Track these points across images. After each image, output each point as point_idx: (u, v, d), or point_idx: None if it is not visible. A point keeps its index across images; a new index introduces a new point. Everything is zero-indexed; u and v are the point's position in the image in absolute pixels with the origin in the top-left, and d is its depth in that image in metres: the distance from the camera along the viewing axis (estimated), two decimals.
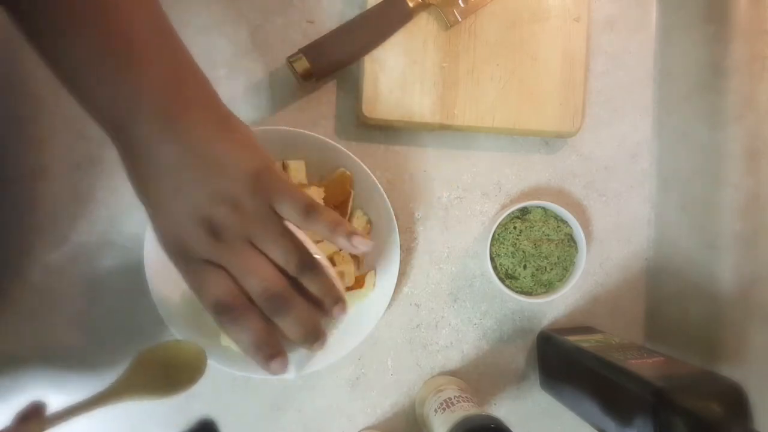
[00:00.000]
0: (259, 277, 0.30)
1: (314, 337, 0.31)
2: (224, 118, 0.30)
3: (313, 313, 0.31)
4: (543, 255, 0.50)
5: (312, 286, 0.31)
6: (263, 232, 0.30)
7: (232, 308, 0.29)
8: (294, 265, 0.30)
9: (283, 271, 0.31)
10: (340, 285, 0.33)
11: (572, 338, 0.49)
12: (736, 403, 0.37)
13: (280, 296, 0.30)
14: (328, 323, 0.33)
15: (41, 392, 0.47)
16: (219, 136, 0.29)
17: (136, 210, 0.48)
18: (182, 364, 0.40)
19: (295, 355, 0.33)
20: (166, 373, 0.39)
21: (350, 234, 0.30)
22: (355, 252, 0.32)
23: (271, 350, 0.30)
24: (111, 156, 0.48)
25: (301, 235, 0.32)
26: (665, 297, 0.54)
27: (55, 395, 0.47)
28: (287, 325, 0.30)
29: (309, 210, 0.30)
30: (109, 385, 0.37)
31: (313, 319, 0.31)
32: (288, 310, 0.30)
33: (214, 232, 0.29)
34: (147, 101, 0.28)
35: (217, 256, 0.29)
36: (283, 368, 0.30)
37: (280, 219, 0.30)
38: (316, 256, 0.32)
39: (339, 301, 0.32)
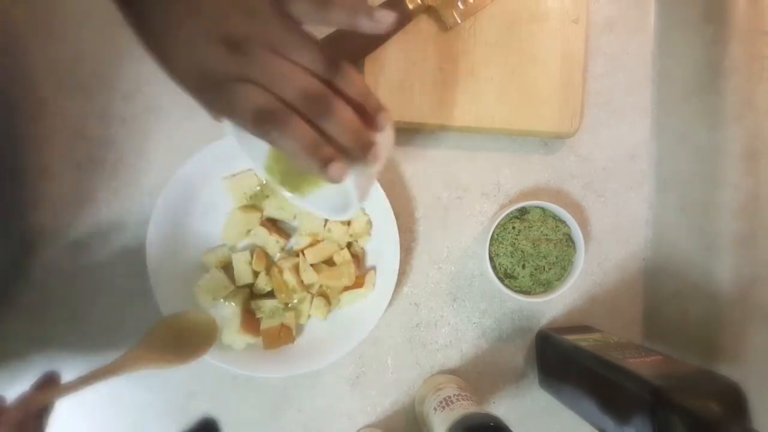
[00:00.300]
0: (292, 80, 0.28)
1: (365, 143, 0.29)
2: None
3: (358, 118, 0.29)
4: (542, 255, 0.50)
5: (348, 87, 0.29)
6: (284, 36, 0.28)
7: (274, 113, 0.27)
8: (323, 64, 0.28)
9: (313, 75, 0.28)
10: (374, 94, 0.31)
11: (571, 337, 0.49)
12: (735, 402, 0.37)
13: (320, 95, 0.28)
14: (377, 136, 0.30)
15: None
16: None
17: (137, 209, 0.48)
18: (195, 333, 0.41)
19: (354, 177, 0.30)
20: (179, 341, 0.40)
21: (370, 11, 0.28)
22: (381, 29, 0.29)
23: (326, 152, 0.28)
24: (112, 156, 0.48)
25: None
26: (664, 297, 0.54)
27: None
28: (334, 128, 0.28)
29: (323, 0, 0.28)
30: (123, 354, 0.38)
31: (359, 122, 0.29)
32: (331, 110, 0.28)
33: (234, 46, 0.27)
34: None
35: (243, 70, 0.27)
36: (343, 171, 0.28)
37: (297, 20, 0.29)
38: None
39: (381, 107, 0.30)
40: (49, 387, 0.35)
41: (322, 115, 0.28)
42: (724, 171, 0.48)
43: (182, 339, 0.40)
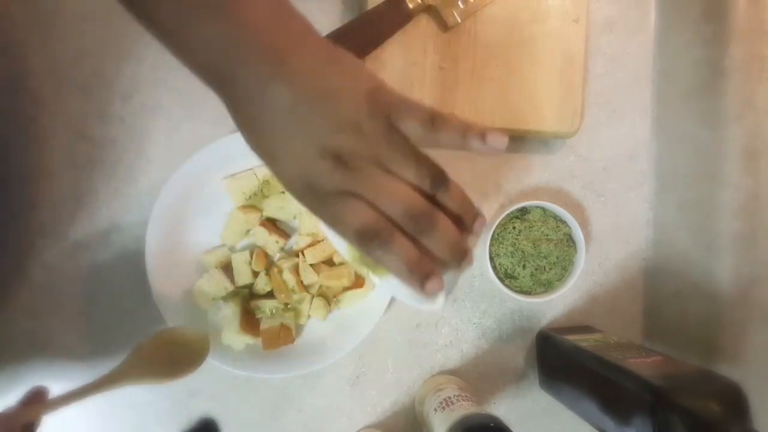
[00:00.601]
0: (397, 197, 0.28)
1: (461, 254, 0.30)
2: (328, 46, 0.29)
3: (457, 231, 0.30)
4: (542, 255, 0.50)
5: (449, 201, 0.30)
6: (391, 152, 0.28)
7: (379, 232, 0.28)
8: (429, 180, 0.29)
9: (418, 190, 0.29)
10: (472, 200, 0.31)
11: (571, 337, 0.49)
12: (735, 402, 0.37)
13: (424, 213, 0.28)
14: (471, 241, 0.31)
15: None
16: (328, 65, 0.28)
17: (137, 209, 0.48)
18: (185, 349, 0.40)
19: (445, 281, 0.31)
20: (168, 357, 0.39)
21: (483, 133, 0.28)
22: (493, 152, 0.29)
23: (426, 270, 0.28)
24: (111, 157, 0.48)
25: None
26: (664, 297, 0.54)
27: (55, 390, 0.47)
28: (434, 243, 0.29)
29: (434, 119, 0.28)
30: (111, 369, 0.37)
31: (458, 235, 0.30)
32: (433, 227, 0.28)
33: (341, 161, 0.28)
34: (253, 39, 0.27)
35: (349, 185, 0.28)
36: (440, 287, 0.29)
37: (404, 136, 0.29)
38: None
39: (478, 215, 0.31)
40: (35, 402, 0.34)
41: (424, 232, 0.28)
42: (724, 171, 0.48)
43: (172, 355, 0.40)
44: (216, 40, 0.27)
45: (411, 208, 0.28)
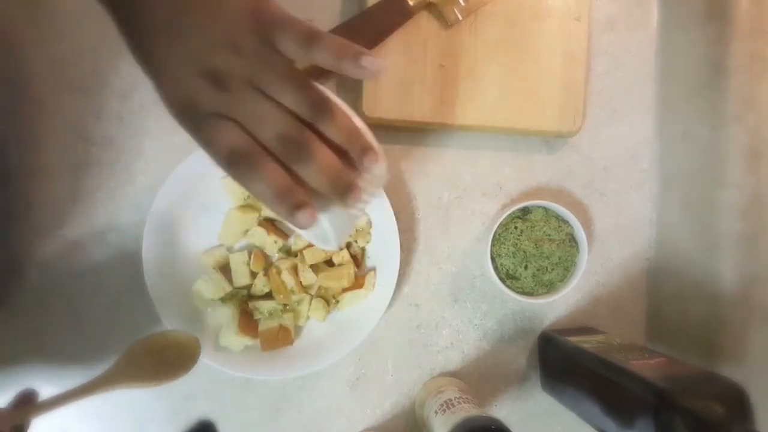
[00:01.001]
0: (271, 122, 0.27)
1: (344, 186, 0.28)
2: None
3: (339, 162, 0.28)
4: (544, 255, 0.50)
5: (331, 131, 0.28)
6: (268, 74, 0.27)
7: (246, 155, 0.27)
8: (307, 106, 0.27)
9: (299, 119, 0.28)
10: (368, 133, 0.29)
11: (573, 339, 0.48)
12: (737, 403, 0.37)
13: (297, 139, 0.27)
14: (366, 180, 0.29)
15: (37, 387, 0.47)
16: None
17: (135, 209, 0.48)
18: (175, 353, 0.40)
19: (332, 218, 0.29)
20: (158, 361, 0.39)
21: (357, 55, 0.27)
22: (368, 76, 0.28)
23: (295, 199, 0.27)
24: (110, 156, 0.48)
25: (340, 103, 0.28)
26: (666, 297, 0.54)
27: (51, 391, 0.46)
28: (309, 173, 0.27)
29: (310, 38, 0.27)
30: (101, 373, 0.37)
31: (339, 166, 0.28)
32: (308, 155, 0.27)
33: (217, 81, 0.27)
34: None
35: (224, 107, 0.27)
36: (311, 219, 0.27)
37: (284, 58, 0.28)
38: (340, 105, 0.28)
39: (367, 149, 0.28)
40: (25, 405, 0.34)
41: (297, 159, 0.27)
42: (726, 170, 0.48)
43: (162, 358, 0.39)
44: None
45: (283, 132, 0.27)
